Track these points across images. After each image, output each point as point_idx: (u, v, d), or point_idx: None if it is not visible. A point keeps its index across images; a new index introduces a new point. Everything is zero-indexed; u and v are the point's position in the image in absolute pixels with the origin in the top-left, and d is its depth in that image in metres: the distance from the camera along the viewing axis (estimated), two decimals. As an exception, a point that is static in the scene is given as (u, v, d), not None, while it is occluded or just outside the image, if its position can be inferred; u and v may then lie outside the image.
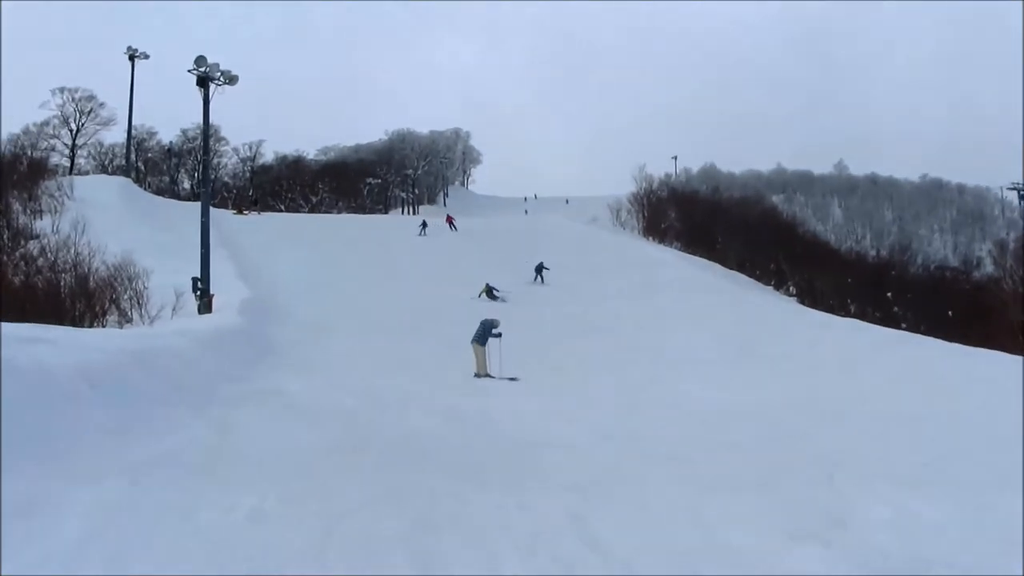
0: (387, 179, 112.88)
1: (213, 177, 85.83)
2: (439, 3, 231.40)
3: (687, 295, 35.02)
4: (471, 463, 8.31)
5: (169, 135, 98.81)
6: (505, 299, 33.40)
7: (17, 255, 26.02)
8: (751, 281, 50.94)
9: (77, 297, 20.22)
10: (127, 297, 21.90)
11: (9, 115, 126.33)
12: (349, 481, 7.20)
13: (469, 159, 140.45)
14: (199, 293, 24.87)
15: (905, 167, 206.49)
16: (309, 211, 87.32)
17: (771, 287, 52.87)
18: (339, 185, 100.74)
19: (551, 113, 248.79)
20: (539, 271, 39.61)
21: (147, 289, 22.43)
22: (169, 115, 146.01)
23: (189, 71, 25.37)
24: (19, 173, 47.32)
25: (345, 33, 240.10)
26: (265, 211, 71.03)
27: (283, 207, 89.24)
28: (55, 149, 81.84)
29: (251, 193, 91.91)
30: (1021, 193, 76.57)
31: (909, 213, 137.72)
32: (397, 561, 5.12)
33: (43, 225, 35.93)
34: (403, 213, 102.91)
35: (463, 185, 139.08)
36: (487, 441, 9.98)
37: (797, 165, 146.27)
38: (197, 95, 25.86)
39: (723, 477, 7.65)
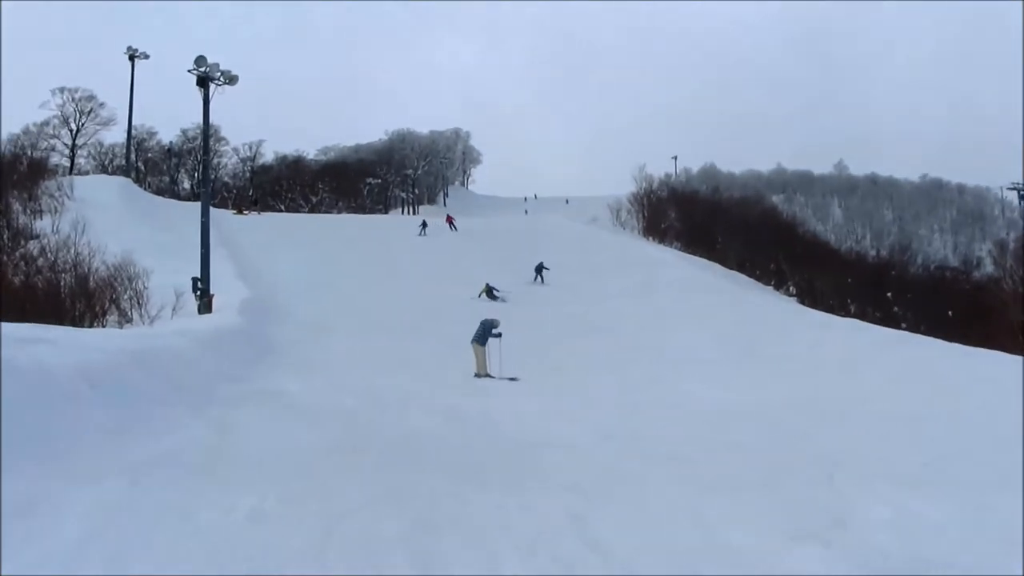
0: (387, 179, 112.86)
1: (213, 177, 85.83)
2: (439, 3, 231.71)
3: (687, 295, 35.02)
4: (471, 463, 8.31)
5: (169, 135, 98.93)
6: (505, 299, 33.36)
7: (17, 255, 26.01)
8: (751, 281, 50.90)
9: (77, 297, 20.23)
10: (127, 297, 21.91)
11: (9, 115, 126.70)
12: (349, 481, 7.19)
13: (469, 159, 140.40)
14: (199, 293, 24.88)
15: (905, 167, 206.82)
16: (309, 211, 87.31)
17: (771, 287, 52.82)
18: (339, 185, 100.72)
19: (551, 113, 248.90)
20: (539, 271, 39.60)
21: (147, 289, 22.45)
22: (169, 115, 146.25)
23: (189, 71, 25.38)
24: (19, 173, 47.32)
25: (345, 32, 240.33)
26: (265, 211, 71.01)
27: (283, 207, 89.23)
28: (55, 149, 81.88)
29: (251, 193, 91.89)
30: (1021, 193, 76.60)
31: (909, 213, 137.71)
32: (397, 562, 5.12)
33: (43, 225, 35.94)
34: (403, 213, 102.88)
35: (463, 185, 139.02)
36: (487, 441, 9.98)
37: (797, 165, 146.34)
38: (197, 95, 25.87)
39: (724, 477, 7.65)
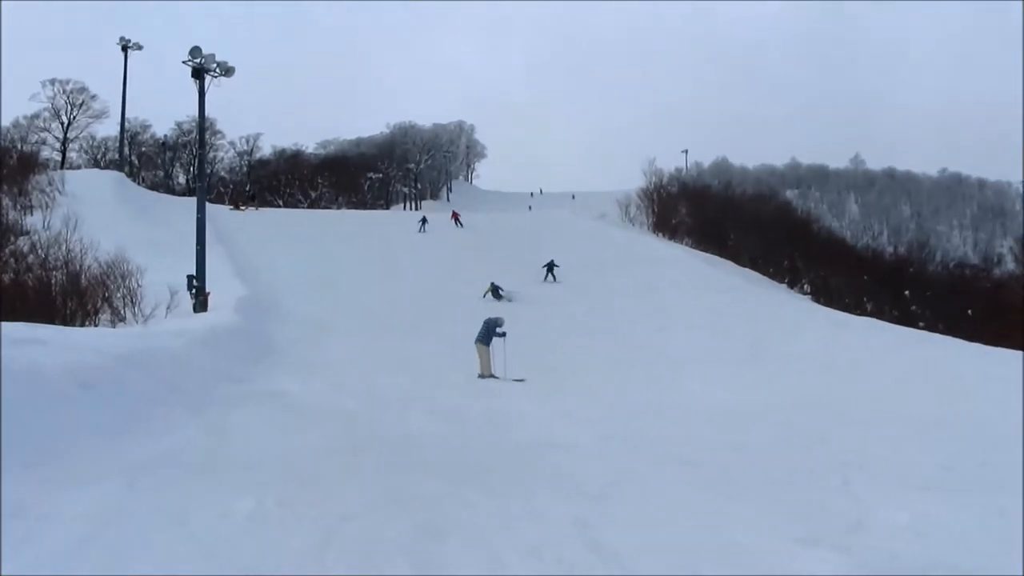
0: (388, 174, 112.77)
1: (209, 172, 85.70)
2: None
3: (698, 293, 35.01)
4: (474, 465, 8.32)
5: (164, 128, 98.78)
6: (511, 298, 33.20)
7: (7, 252, 26.09)
8: (764, 279, 50.83)
9: (69, 295, 20.27)
10: (120, 295, 21.95)
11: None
12: (349, 484, 7.20)
13: (473, 153, 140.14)
14: (194, 291, 24.91)
15: (924, 161, 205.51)
16: (308, 206, 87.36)
17: (785, 285, 52.74)
18: (339, 180, 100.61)
19: (557, 106, 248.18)
20: (550, 269, 39.44)
21: (141, 287, 22.48)
22: (164, 108, 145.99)
23: (184, 62, 25.38)
24: (9, 167, 47.45)
25: (345, 24, 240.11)
26: (263, 207, 71.00)
27: (281, 202, 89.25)
28: (46, 143, 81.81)
29: (248, 188, 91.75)
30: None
31: (928, 209, 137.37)
32: (398, 566, 5.12)
33: (34, 221, 36.06)
34: (405, 209, 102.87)
35: (467, 180, 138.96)
36: (490, 443, 9.99)
37: (812, 159, 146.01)
38: (192, 87, 25.88)
39: (734, 480, 7.65)
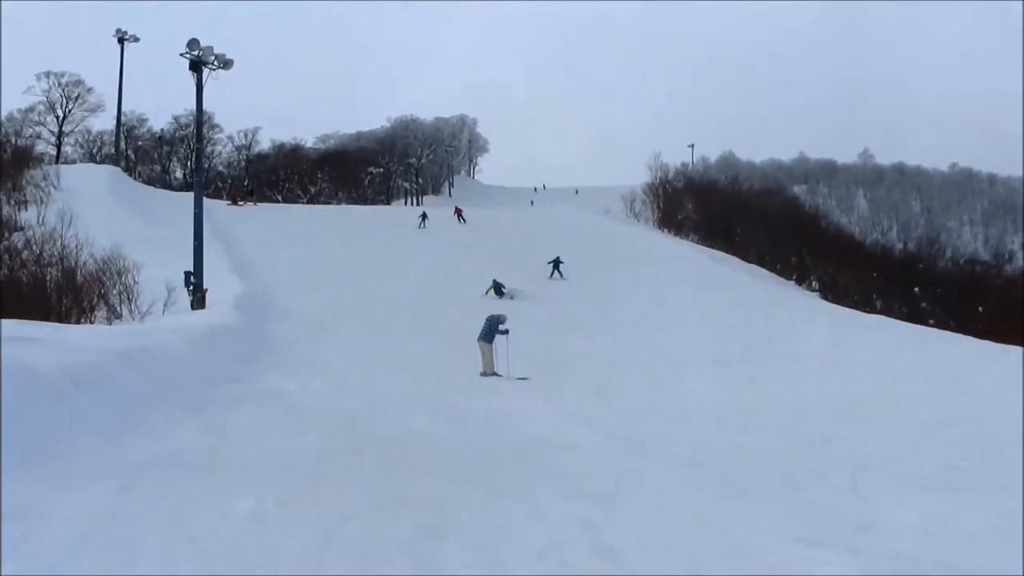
0: (389, 168, 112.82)
1: (207, 166, 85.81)
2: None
3: (704, 290, 34.95)
4: (476, 466, 8.30)
5: (161, 122, 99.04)
6: (514, 296, 33.12)
7: (1, 248, 26.09)
8: (772, 275, 50.74)
9: (64, 292, 20.29)
10: (116, 292, 21.97)
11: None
12: (349, 485, 7.20)
13: (476, 147, 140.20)
14: (192, 288, 24.94)
15: (934, 156, 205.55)
16: (307, 202, 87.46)
17: (793, 282, 52.64)
18: (339, 175, 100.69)
19: (561, 101, 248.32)
20: (556, 266, 39.36)
21: (137, 284, 22.50)
22: (161, 101, 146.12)
23: (182, 55, 25.38)
24: (3, 162, 47.45)
25: (345, 16, 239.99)
26: (261, 202, 71.18)
27: (280, 198, 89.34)
28: (40, 136, 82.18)
29: (247, 183, 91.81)
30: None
31: (938, 204, 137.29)
32: (398, 567, 5.12)
33: (28, 216, 36.10)
34: (406, 204, 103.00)
35: (469, 175, 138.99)
36: (492, 443, 9.98)
37: (820, 154, 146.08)
38: (190, 80, 25.91)
39: (742, 481, 7.63)
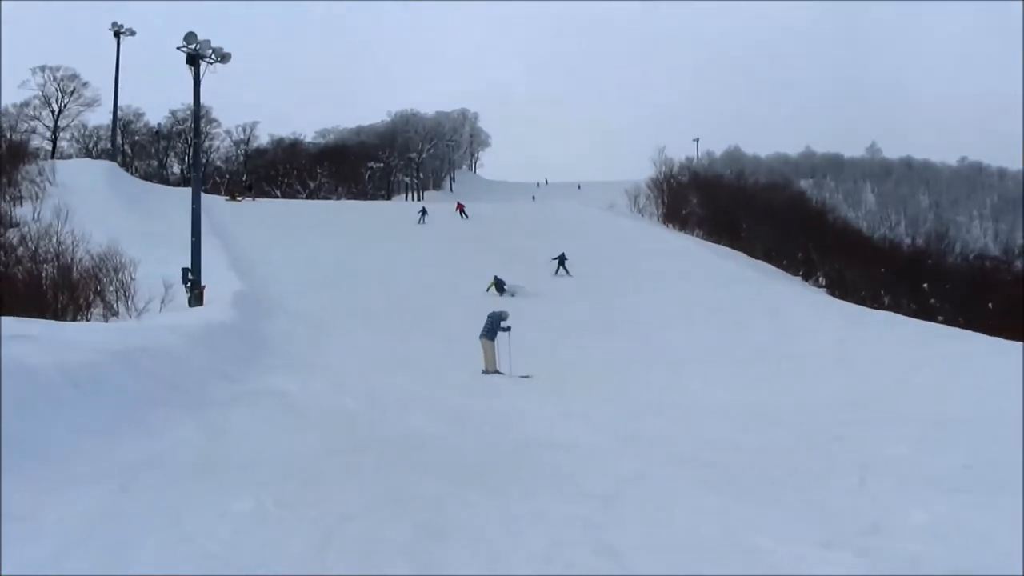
0: (390, 163, 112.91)
1: (204, 161, 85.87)
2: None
3: (710, 286, 34.98)
4: (479, 466, 8.29)
5: (157, 116, 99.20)
6: (514, 293, 33.06)
7: (-4, 244, 26.11)
8: (778, 271, 50.81)
9: (60, 289, 20.30)
10: (113, 289, 21.98)
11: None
12: (349, 485, 7.19)
13: (477, 142, 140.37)
14: (189, 285, 24.93)
15: (943, 150, 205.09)
16: (307, 197, 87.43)
17: (799, 277, 52.70)
18: (339, 170, 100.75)
19: (564, 95, 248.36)
20: (562, 262, 39.33)
21: (134, 280, 22.51)
22: (158, 95, 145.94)
23: (179, 48, 25.35)
24: (-2, 157, 47.45)
25: (345, 9, 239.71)
26: (260, 197, 71.20)
27: (279, 193, 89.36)
28: (36, 131, 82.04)
29: (245, 178, 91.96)
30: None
31: (947, 199, 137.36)
32: (399, 568, 5.11)
33: (23, 212, 36.12)
34: (407, 199, 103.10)
35: (471, 169, 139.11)
36: (493, 443, 9.97)
37: (827, 148, 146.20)
38: (187, 74, 25.89)
39: (748, 481, 7.61)
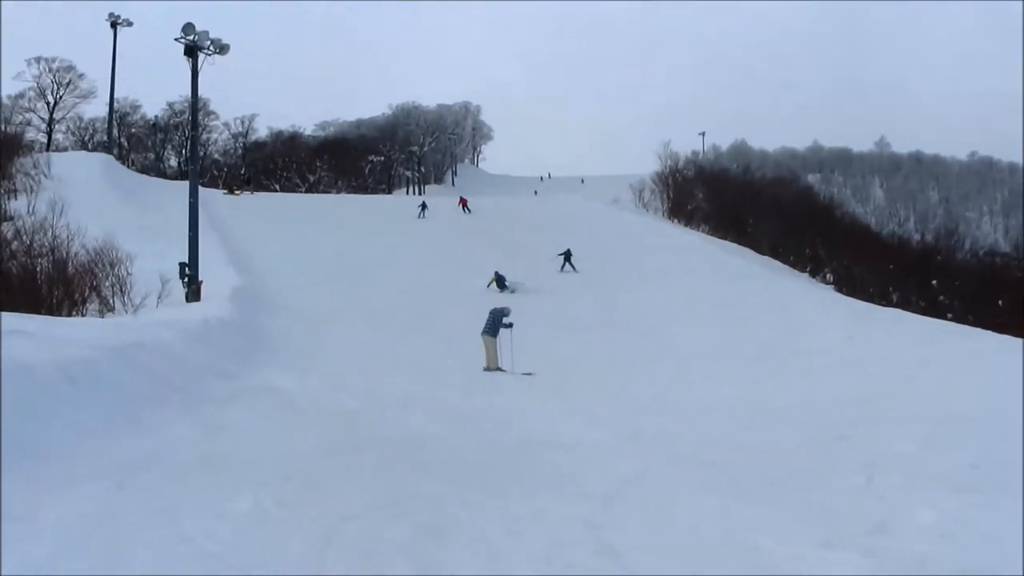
0: (391, 157, 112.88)
1: (202, 154, 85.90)
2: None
3: (715, 283, 34.94)
4: (479, 465, 8.30)
5: (154, 109, 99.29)
6: (515, 290, 33.00)
7: (-9, 239, 26.14)
8: (785, 267, 50.78)
9: (55, 284, 20.32)
10: (109, 284, 22.00)
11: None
12: (348, 485, 7.20)
13: (479, 135, 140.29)
14: (187, 280, 24.95)
15: (952, 144, 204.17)
16: (306, 191, 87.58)
17: (806, 274, 52.71)
18: (338, 163, 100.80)
19: (567, 89, 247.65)
20: (568, 258, 39.26)
21: (130, 275, 22.54)
22: (155, 87, 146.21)
23: (176, 39, 25.35)
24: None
25: (346, 9, 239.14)
26: (258, 191, 71.32)
27: (278, 186, 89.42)
28: (31, 123, 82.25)
29: (243, 171, 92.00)
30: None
31: (956, 194, 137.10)
32: (399, 568, 5.13)
33: (18, 206, 36.17)
34: (408, 193, 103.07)
35: (473, 163, 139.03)
36: (495, 442, 9.98)
37: (835, 142, 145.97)
38: (185, 65, 25.88)
39: (752, 480, 7.62)
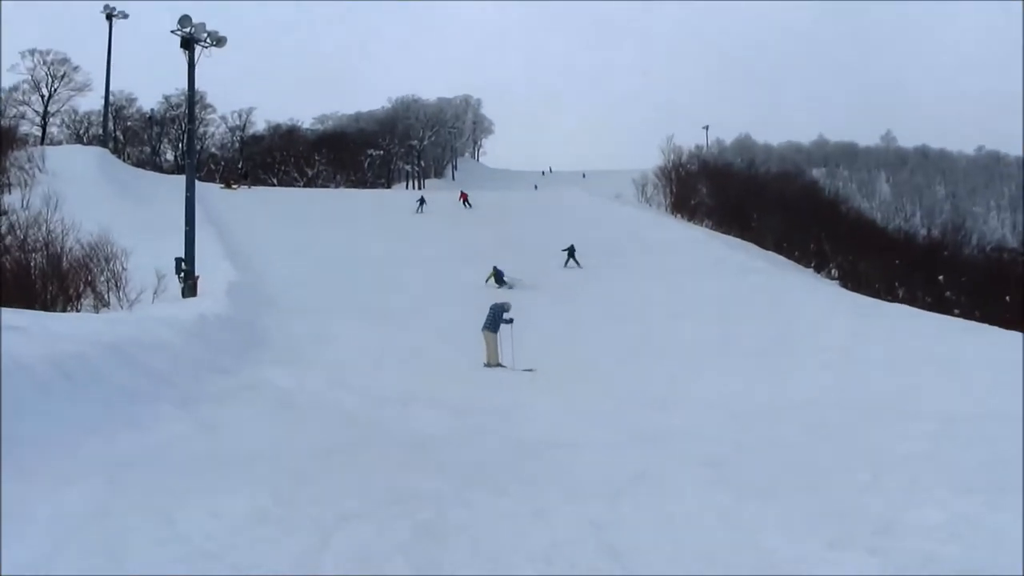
0: (390, 151, 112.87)
1: (199, 148, 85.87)
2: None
3: (719, 278, 34.91)
4: (480, 465, 8.29)
5: (150, 102, 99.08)
6: (513, 286, 32.86)
7: (-16, 233, 26.09)
8: (789, 263, 50.81)
9: (49, 279, 20.29)
10: (104, 279, 21.97)
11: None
12: (347, 484, 7.18)
13: (480, 129, 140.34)
14: (183, 275, 24.94)
15: (959, 139, 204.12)
16: (304, 185, 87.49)
17: (811, 269, 52.72)
18: (337, 157, 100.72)
19: (569, 82, 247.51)
20: (571, 254, 39.10)
21: (126, 271, 22.52)
22: (151, 80, 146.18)
23: (173, 32, 25.31)
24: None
25: (346, 9, 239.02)
26: (256, 185, 71.23)
27: (275, 181, 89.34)
28: (25, 117, 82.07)
29: (240, 165, 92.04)
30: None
31: (963, 189, 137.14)
32: (399, 568, 5.11)
33: (12, 200, 36.11)
34: (407, 187, 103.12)
35: (473, 157, 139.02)
36: (498, 440, 9.96)
37: (840, 136, 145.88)
38: (181, 58, 25.81)
39: (758, 479, 7.61)
